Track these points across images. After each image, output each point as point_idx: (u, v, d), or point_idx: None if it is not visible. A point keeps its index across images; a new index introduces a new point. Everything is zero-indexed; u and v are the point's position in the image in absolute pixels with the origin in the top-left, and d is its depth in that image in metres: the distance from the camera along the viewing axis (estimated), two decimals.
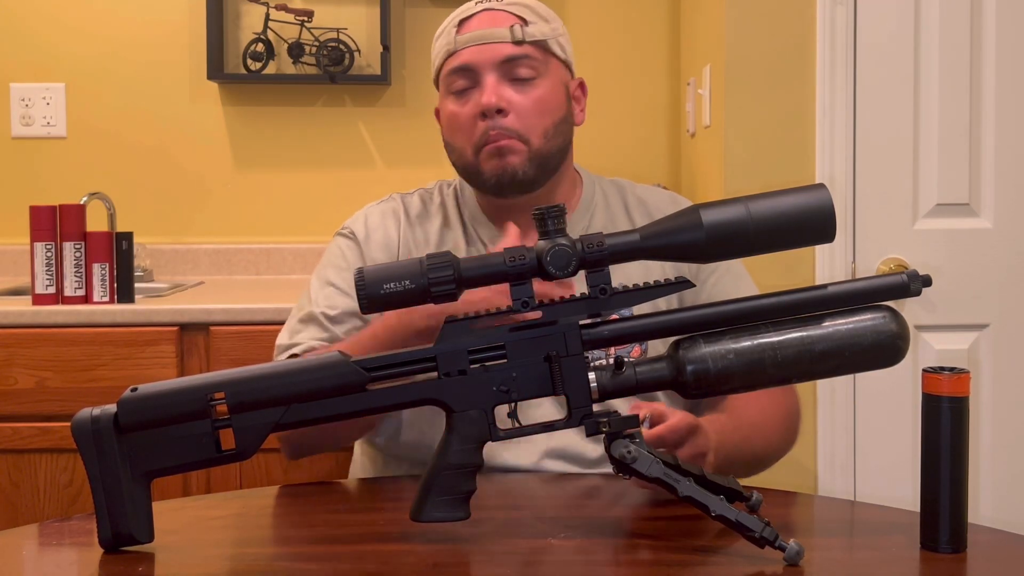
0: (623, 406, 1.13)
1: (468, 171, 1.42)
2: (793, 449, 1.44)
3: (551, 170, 1.41)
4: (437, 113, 1.49)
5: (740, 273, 1.48)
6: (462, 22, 1.40)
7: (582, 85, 1.49)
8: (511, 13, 1.40)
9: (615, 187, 1.52)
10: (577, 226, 1.45)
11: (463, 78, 1.39)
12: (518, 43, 1.38)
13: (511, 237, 1.26)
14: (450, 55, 1.40)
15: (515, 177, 1.37)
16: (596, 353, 1.31)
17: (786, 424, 1.39)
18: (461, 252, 1.44)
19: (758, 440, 1.33)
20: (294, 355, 1.39)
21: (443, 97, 1.43)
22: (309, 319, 1.43)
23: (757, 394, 1.35)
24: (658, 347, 1.29)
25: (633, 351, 1.36)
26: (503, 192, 1.39)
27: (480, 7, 1.41)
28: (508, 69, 1.38)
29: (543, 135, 1.38)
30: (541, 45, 1.40)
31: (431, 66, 1.48)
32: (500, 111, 1.36)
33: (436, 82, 1.46)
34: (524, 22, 1.39)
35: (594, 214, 1.48)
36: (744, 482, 1.10)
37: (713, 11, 2.27)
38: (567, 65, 1.45)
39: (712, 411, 1.34)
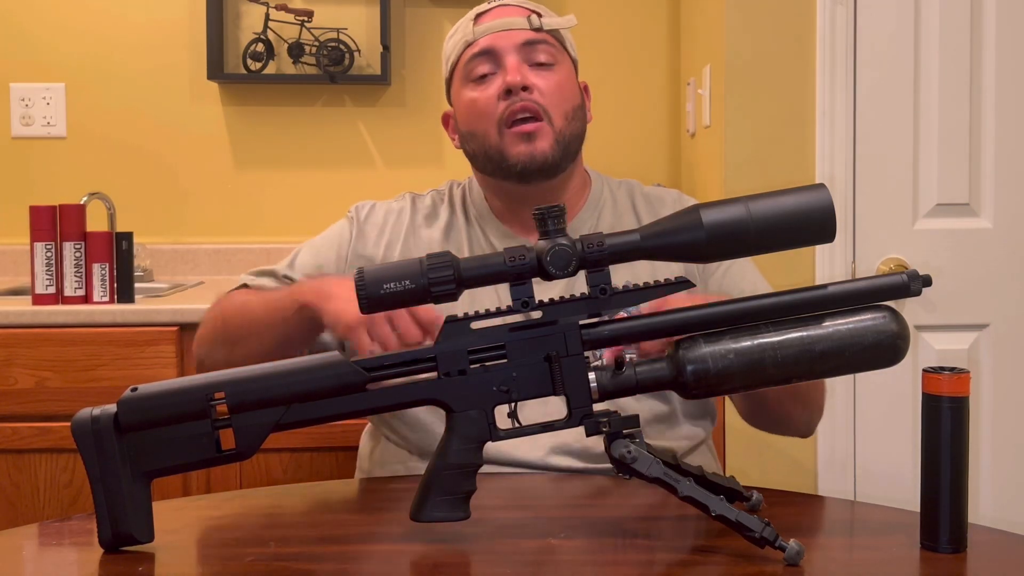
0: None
1: (491, 156, 1.41)
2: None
3: (571, 155, 1.43)
4: (445, 120, 1.50)
5: (744, 263, 1.47)
6: (478, 16, 1.44)
7: (586, 88, 1.52)
8: (524, 7, 1.45)
9: (624, 187, 1.53)
10: (584, 224, 1.46)
11: (485, 63, 1.41)
12: (536, 30, 1.42)
13: None
14: (468, 45, 1.43)
15: (545, 161, 1.39)
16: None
17: (811, 385, 1.36)
18: (464, 249, 1.45)
19: None
20: (244, 285, 1.49)
21: (460, 89, 1.44)
22: (271, 274, 1.50)
23: None
24: None
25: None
26: (528, 177, 1.39)
27: (495, 3, 1.46)
28: (528, 53, 1.41)
29: (564, 116, 1.41)
30: (556, 35, 1.44)
31: (443, 67, 1.49)
32: (525, 88, 1.38)
33: (448, 83, 1.48)
34: (538, 15, 1.44)
35: (602, 212, 1.49)
36: (744, 482, 1.10)
37: (713, 11, 2.27)
38: (575, 64, 1.49)
39: None
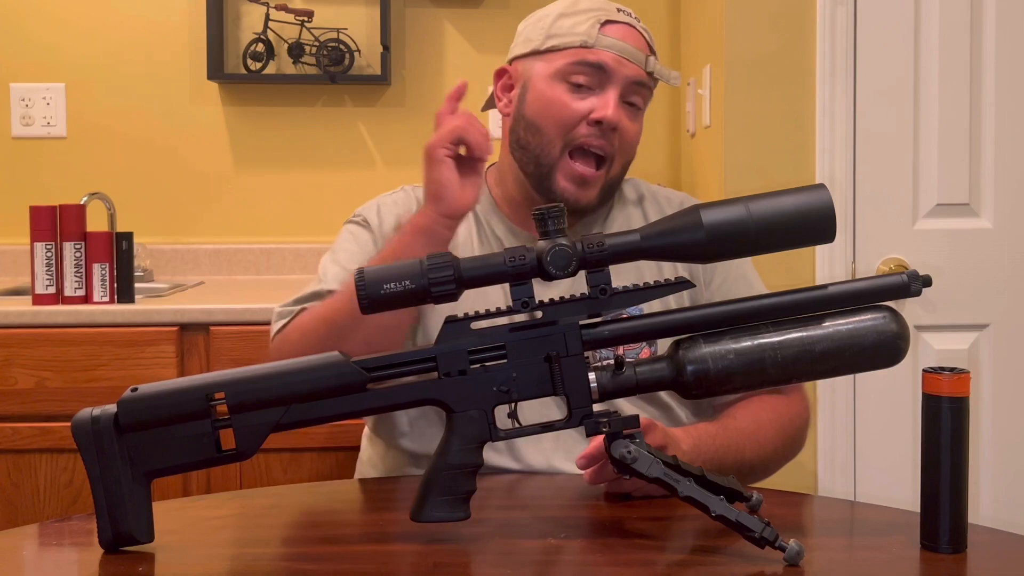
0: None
1: (541, 164, 1.39)
2: None
3: (608, 198, 1.44)
4: (499, 74, 1.44)
5: (749, 274, 1.47)
6: (606, 23, 1.38)
7: None
8: (646, 40, 1.42)
9: (630, 185, 1.53)
10: (594, 224, 1.46)
11: (592, 75, 1.37)
12: (648, 74, 1.40)
13: None
14: (586, 46, 1.37)
15: (586, 207, 1.41)
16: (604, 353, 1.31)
17: (784, 434, 1.38)
18: (473, 243, 1.44)
19: (749, 448, 1.32)
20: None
21: (550, 78, 1.38)
22: (315, 296, 1.40)
23: (752, 403, 1.36)
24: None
25: (642, 352, 1.36)
26: None
27: (623, 17, 1.40)
28: (630, 91, 1.39)
29: (623, 165, 1.42)
30: (655, 83, 1.43)
31: (523, 28, 1.44)
32: (613, 128, 1.37)
33: (535, 52, 1.40)
34: (654, 55, 1.42)
35: (611, 211, 1.49)
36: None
37: (713, 11, 2.27)
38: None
39: (705, 421, 1.35)
